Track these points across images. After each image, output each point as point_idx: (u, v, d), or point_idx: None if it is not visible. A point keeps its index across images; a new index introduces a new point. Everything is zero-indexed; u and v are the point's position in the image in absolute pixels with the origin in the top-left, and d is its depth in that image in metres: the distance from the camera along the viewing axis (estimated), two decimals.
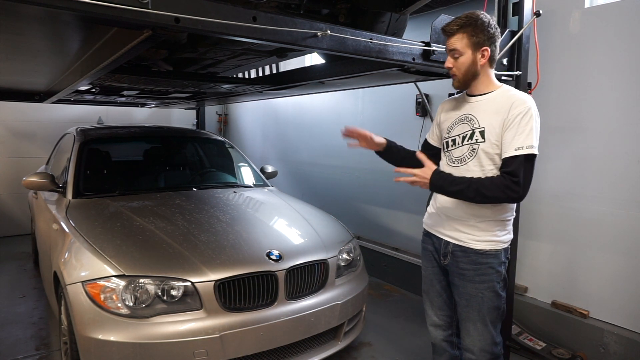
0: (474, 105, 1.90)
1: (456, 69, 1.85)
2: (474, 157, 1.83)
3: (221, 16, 1.57)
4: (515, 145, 1.71)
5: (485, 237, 1.87)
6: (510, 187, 1.70)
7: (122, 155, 4.05)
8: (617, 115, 2.78)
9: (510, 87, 1.91)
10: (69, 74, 3.03)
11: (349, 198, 5.00)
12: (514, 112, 1.74)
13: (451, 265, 1.95)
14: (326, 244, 2.78)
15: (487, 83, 1.88)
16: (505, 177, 1.71)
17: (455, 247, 1.92)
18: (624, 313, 2.78)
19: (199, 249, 2.42)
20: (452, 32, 1.82)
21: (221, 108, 7.62)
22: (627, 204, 2.74)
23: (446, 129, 1.98)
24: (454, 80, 1.89)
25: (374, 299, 3.92)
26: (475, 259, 1.87)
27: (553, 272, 3.14)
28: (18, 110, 5.86)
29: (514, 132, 1.73)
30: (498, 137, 1.78)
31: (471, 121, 1.87)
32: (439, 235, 2.00)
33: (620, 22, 2.75)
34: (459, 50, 1.81)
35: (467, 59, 1.81)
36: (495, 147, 1.79)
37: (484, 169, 1.81)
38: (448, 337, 2.08)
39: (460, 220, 1.90)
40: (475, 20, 1.78)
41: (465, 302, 1.91)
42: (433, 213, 2.05)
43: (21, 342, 3.08)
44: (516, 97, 1.79)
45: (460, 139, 1.90)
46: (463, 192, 1.77)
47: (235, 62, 3.39)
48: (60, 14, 1.54)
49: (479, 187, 1.73)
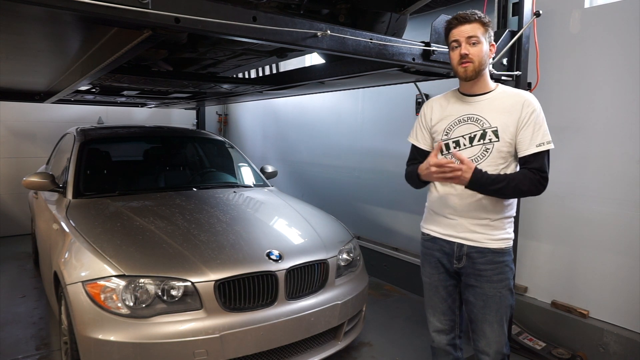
0: (477, 105, 1.88)
1: (474, 56, 1.78)
2: (488, 157, 1.83)
3: (221, 16, 1.57)
4: (537, 141, 1.78)
5: (501, 235, 1.87)
6: (541, 183, 1.78)
7: (122, 155, 4.05)
8: (617, 115, 2.78)
9: (505, 86, 1.93)
10: (69, 74, 3.03)
11: (349, 198, 5.00)
12: (528, 110, 1.79)
13: (467, 268, 1.90)
14: (326, 244, 2.78)
15: (487, 82, 1.89)
16: (535, 173, 1.77)
17: (471, 249, 1.88)
18: (623, 313, 2.78)
19: (199, 249, 2.42)
20: (472, 20, 1.78)
21: (221, 108, 7.62)
22: (627, 204, 2.74)
23: (442, 131, 1.92)
24: (467, 68, 1.80)
25: (374, 299, 3.92)
26: (492, 258, 1.86)
27: (553, 272, 3.14)
28: (18, 110, 5.86)
29: (531, 130, 1.78)
30: (512, 135, 1.81)
31: (478, 121, 1.85)
32: (450, 239, 1.93)
33: (620, 22, 2.75)
34: (478, 37, 1.78)
35: (484, 48, 1.80)
36: (508, 146, 1.81)
37: (497, 168, 1.83)
38: (451, 340, 2.05)
39: (475, 220, 1.87)
40: (484, 16, 1.82)
41: (482, 303, 1.88)
42: (439, 216, 1.97)
43: (21, 342, 3.08)
44: (523, 95, 1.84)
45: (466, 139, 1.86)
46: (502, 190, 1.76)
47: (235, 62, 3.39)
48: (61, 14, 1.54)
49: (517, 184, 1.76)
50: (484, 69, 1.84)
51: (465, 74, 1.82)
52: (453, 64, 1.86)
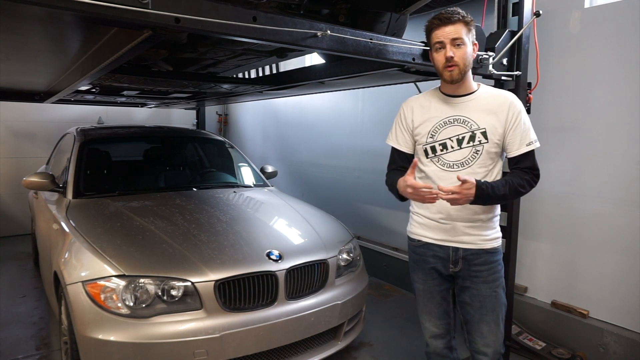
0: (463, 105, 1.85)
1: (459, 59, 1.75)
2: (478, 159, 1.82)
3: (221, 16, 1.57)
4: (526, 141, 1.81)
5: (493, 235, 1.90)
6: (535, 180, 1.83)
7: (122, 155, 4.05)
8: (616, 115, 2.78)
9: (487, 86, 1.92)
10: (69, 74, 3.03)
11: (349, 198, 5.00)
12: (514, 111, 1.82)
13: (463, 270, 1.90)
14: (326, 244, 2.78)
15: (470, 82, 1.87)
16: (528, 172, 1.81)
17: (467, 252, 1.88)
18: (623, 313, 2.78)
19: (199, 249, 2.42)
20: (455, 21, 1.74)
21: (221, 108, 7.62)
22: (626, 204, 2.74)
23: (427, 133, 1.87)
24: (453, 72, 1.77)
25: (374, 299, 3.92)
26: (487, 258, 1.88)
27: (553, 272, 3.14)
28: (18, 110, 5.86)
29: (521, 130, 1.81)
30: (500, 136, 1.82)
31: (465, 123, 1.82)
32: (445, 244, 1.90)
33: (620, 22, 2.75)
34: (462, 38, 1.75)
35: (468, 50, 1.78)
36: (496, 146, 1.82)
37: (487, 168, 1.83)
38: (447, 343, 2.04)
39: (468, 222, 1.86)
40: (466, 15, 1.79)
41: (479, 304, 1.88)
42: (430, 221, 1.92)
43: (21, 342, 3.08)
44: (507, 97, 1.86)
45: (454, 142, 1.83)
46: (505, 197, 1.78)
47: (235, 62, 3.39)
48: (61, 14, 1.54)
49: (517, 187, 1.78)
50: (469, 70, 1.82)
51: (451, 78, 1.79)
52: (437, 67, 1.82)
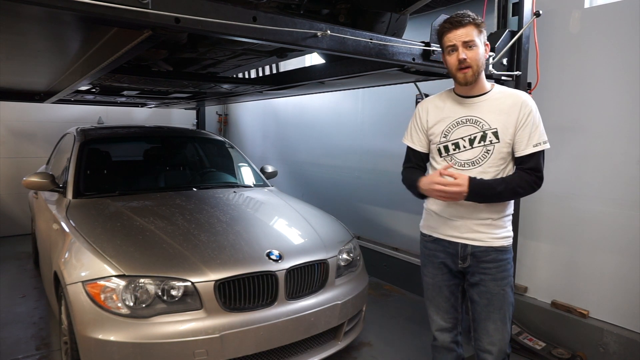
0: (476, 106, 1.87)
1: (472, 60, 1.77)
2: (489, 158, 1.84)
3: (221, 16, 1.57)
4: (533, 142, 1.80)
5: (503, 234, 1.90)
6: (537, 182, 1.82)
7: (122, 155, 4.05)
8: (616, 115, 2.78)
9: (501, 86, 1.94)
10: (69, 74, 3.03)
11: (349, 198, 5.00)
12: (525, 110, 1.82)
13: (472, 267, 1.92)
14: (326, 244, 2.78)
15: (484, 83, 1.89)
16: (530, 173, 1.80)
17: (475, 248, 1.89)
18: (623, 313, 2.78)
19: (199, 249, 2.42)
20: (466, 23, 1.77)
21: (221, 108, 7.62)
22: (626, 204, 2.74)
23: (441, 133, 1.91)
24: (467, 74, 1.79)
25: (374, 299, 3.92)
26: (496, 256, 1.88)
27: (553, 272, 3.14)
28: (18, 110, 5.86)
29: (529, 130, 1.80)
30: (511, 136, 1.82)
31: (478, 123, 1.85)
32: (454, 240, 1.93)
33: (620, 22, 2.75)
34: (474, 40, 1.77)
35: (480, 51, 1.80)
36: (507, 146, 1.83)
37: (498, 167, 1.84)
38: (454, 337, 2.07)
39: (478, 220, 1.88)
40: (477, 17, 1.81)
41: (486, 302, 1.90)
42: (440, 217, 1.96)
43: (21, 342, 3.08)
44: (520, 96, 1.86)
45: (466, 141, 1.86)
46: (501, 195, 1.79)
47: (235, 62, 3.39)
48: (61, 14, 1.54)
49: (515, 187, 1.79)
50: (482, 71, 1.85)
51: (465, 80, 1.81)
52: (451, 70, 1.85)
